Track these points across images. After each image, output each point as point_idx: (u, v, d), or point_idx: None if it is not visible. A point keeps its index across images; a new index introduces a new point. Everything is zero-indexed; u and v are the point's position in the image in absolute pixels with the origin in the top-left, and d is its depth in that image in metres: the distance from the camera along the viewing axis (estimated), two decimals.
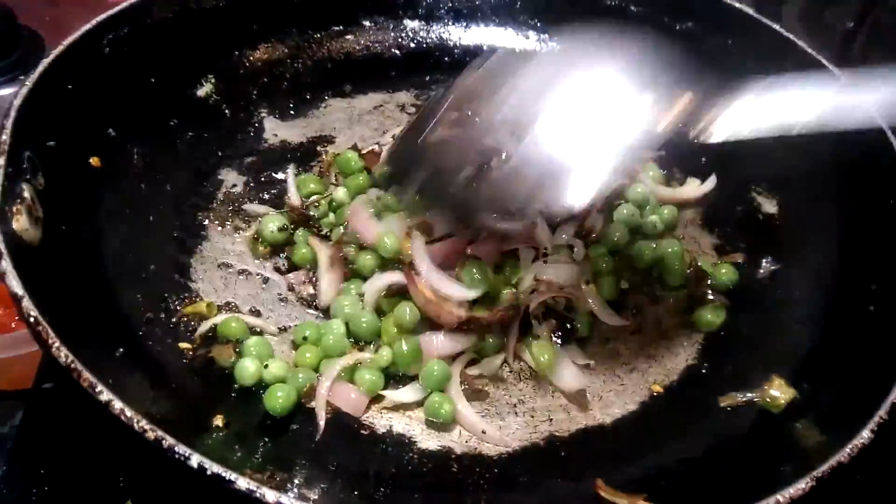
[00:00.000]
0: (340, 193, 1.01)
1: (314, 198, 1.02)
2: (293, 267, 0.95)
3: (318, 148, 1.12)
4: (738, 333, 0.91)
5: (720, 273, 0.96)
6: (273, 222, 0.96)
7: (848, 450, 0.65)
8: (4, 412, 0.90)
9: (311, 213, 1.00)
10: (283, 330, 0.89)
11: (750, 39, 1.08)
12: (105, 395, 0.57)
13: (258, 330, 0.87)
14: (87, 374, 0.58)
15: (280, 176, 1.06)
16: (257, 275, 0.94)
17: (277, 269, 0.95)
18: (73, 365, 0.59)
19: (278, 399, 0.77)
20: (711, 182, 1.07)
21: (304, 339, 0.85)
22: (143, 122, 0.98)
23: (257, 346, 0.83)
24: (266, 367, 0.80)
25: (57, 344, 0.60)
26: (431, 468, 0.77)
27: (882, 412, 0.67)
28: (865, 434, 0.66)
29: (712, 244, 1.04)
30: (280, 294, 0.93)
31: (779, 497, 0.62)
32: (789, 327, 0.89)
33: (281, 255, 0.97)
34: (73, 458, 0.83)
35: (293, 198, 1.02)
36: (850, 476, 0.66)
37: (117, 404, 0.57)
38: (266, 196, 1.04)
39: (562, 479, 0.77)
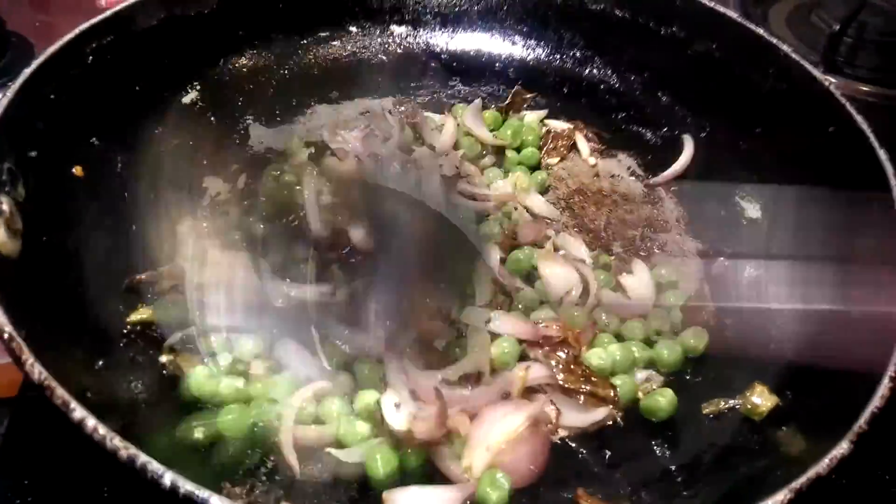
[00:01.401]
0: None
1: None
2: None
3: None
4: (722, 339, 0.91)
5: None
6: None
7: (827, 461, 0.64)
8: None
9: None
10: None
11: (735, 44, 1.08)
12: (78, 413, 0.57)
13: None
14: (60, 392, 0.58)
15: None
16: None
17: None
18: (46, 382, 0.59)
19: (229, 419, 0.76)
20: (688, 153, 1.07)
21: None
22: (128, 131, 0.98)
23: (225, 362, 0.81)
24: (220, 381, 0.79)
25: (31, 361, 0.60)
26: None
27: (861, 422, 0.67)
28: (844, 445, 0.65)
29: (696, 249, 1.04)
30: None
31: None
32: (772, 333, 0.89)
33: None
34: (58, 468, 0.83)
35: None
36: (833, 481, 0.66)
37: (90, 422, 0.57)
38: None
39: (544, 489, 0.77)
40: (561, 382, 0.82)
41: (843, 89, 0.98)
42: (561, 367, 0.83)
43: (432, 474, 0.76)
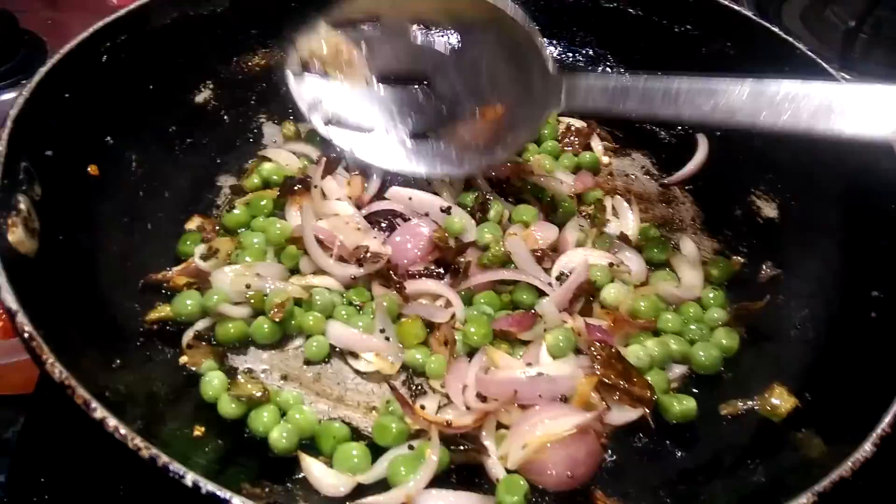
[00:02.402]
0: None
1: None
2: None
3: None
4: (739, 340, 0.90)
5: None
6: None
7: (850, 463, 0.64)
8: (6, 418, 0.90)
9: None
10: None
11: (749, 42, 1.07)
12: (99, 413, 0.57)
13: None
14: (81, 391, 0.58)
15: None
16: None
17: None
18: (67, 381, 0.59)
19: (263, 420, 0.77)
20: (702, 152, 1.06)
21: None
22: (142, 130, 0.98)
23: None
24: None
25: (51, 360, 0.60)
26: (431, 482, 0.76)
27: (885, 425, 0.66)
28: (867, 447, 0.65)
29: (713, 248, 1.04)
30: None
31: None
32: (790, 333, 0.88)
33: None
34: (75, 465, 0.83)
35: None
36: (852, 484, 0.65)
37: (111, 422, 0.57)
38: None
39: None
40: (600, 376, 0.80)
41: None
42: (602, 360, 0.81)
43: (453, 473, 0.77)
